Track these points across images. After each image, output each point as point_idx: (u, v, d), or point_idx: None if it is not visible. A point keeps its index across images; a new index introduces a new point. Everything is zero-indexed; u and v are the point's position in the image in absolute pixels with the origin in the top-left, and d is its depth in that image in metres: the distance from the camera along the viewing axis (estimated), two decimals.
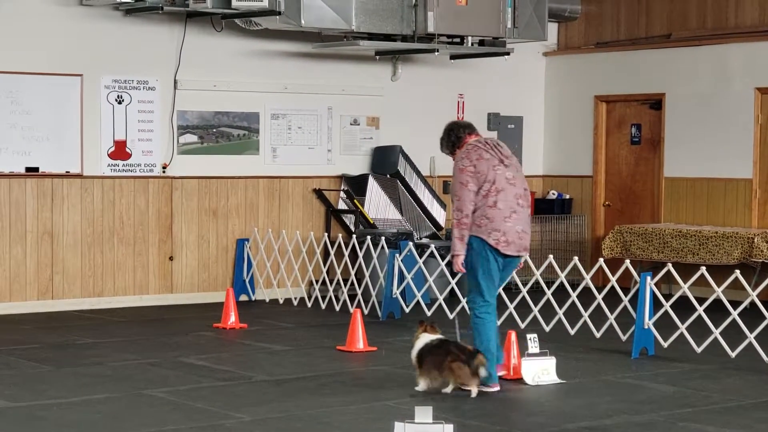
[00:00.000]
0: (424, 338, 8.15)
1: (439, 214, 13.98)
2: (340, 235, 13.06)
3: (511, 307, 10.93)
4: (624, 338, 10.08)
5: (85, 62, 12.24)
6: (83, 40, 12.21)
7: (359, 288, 12.40)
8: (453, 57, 13.84)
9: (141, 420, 7.24)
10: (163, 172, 12.76)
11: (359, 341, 9.90)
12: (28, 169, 12.02)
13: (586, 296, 10.44)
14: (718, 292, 9.62)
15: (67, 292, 12.25)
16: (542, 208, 14.82)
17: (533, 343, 8.57)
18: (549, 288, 10.64)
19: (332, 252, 12.56)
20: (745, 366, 9.27)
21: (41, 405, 7.68)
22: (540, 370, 8.49)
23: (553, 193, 15.04)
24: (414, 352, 8.13)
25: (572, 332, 10.30)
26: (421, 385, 8.07)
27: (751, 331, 9.39)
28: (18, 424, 7.13)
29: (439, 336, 8.21)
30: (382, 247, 12.09)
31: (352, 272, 12.44)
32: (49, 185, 12.14)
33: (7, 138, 11.87)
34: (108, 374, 8.81)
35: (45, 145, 12.08)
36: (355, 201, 13.52)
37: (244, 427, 7.08)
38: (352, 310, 10.32)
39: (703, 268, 9.76)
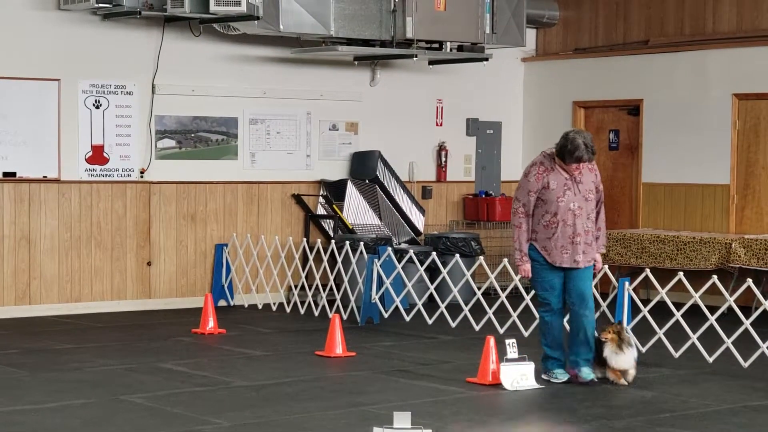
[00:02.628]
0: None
1: (418, 220, 14.00)
2: (319, 240, 13.06)
3: (490, 312, 10.96)
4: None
5: (62, 67, 12.21)
6: (61, 45, 12.18)
7: (338, 293, 12.40)
8: (432, 62, 13.87)
9: (119, 426, 7.22)
10: (141, 177, 12.73)
11: (338, 346, 9.90)
12: (5, 174, 11.98)
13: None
14: (696, 297, 9.66)
15: (45, 298, 12.20)
16: None
17: (512, 349, 8.59)
18: (527, 294, 10.65)
19: (311, 257, 12.56)
20: (723, 371, 9.30)
21: (18, 410, 7.64)
22: (519, 375, 8.50)
23: None
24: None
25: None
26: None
27: (728, 336, 9.43)
28: None
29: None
30: (361, 252, 12.09)
31: (331, 277, 12.43)
32: (26, 190, 12.09)
33: None
34: (86, 380, 8.77)
35: (22, 150, 12.04)
36: (333, 206, 13.53)
37: None
38: (330, 315, 10.32)
39: (681, 274, 9.80)
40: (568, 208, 8.42)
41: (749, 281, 9.62)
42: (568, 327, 8.92)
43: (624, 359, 8.50)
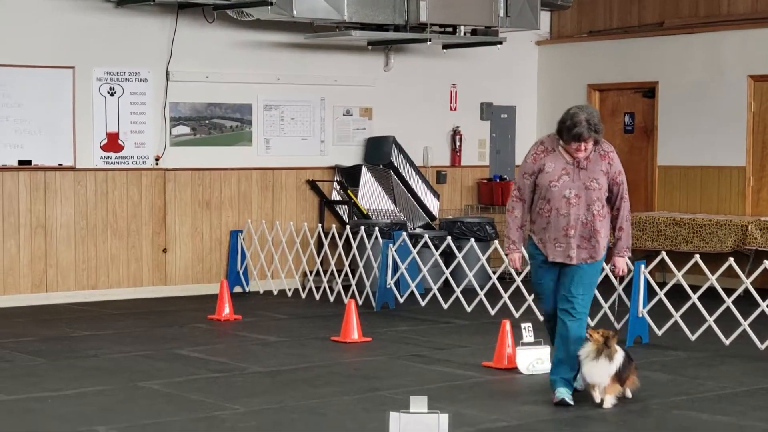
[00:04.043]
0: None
1: (433, 204, 13.99)
2: (334, 226, 13.09)
3: (506, 296, 10.96)
4: (618, 327, 10.09)
5: (76, 54, 12.22)
6: (75, 33, 12.19)
7: (353, 279, 12.42)
8: (445, 47, 13.83)
9: (136, 412, 7.25)
10: (156, 164, 12.75)
11: (353, 332, 9.91)
12: (20, 162, 12.01)
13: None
14: (712, 279, 9.64)
15: (61, 285, 12.25)
16: None
17: (528, 333, 8.59)
18: None
19: (326, 243, 12.57)
20: (740, 353, 9.29)
21: (36, 398, 7.68)
22: (534, 360, 8.50)
23: None
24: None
25: (586, 313, 10.29)
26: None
27: (745, 319, 9.41)
28: (13, 417, 7.14)
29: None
30: (376, 237, 12.10)
31: (346, 263, 12.44)
32: (41, 178, 12.12)
33: (0, 132, 11.86)
34: (102, 367, 8.81)
35: (37, 138, 12.06)
36: (348, 192, 13.53)
37: (239, 419, 7.09)
38: (346, 300, 10.33)
39: (697, 256, 9.78)
40: (562, 195, 7.26)
41: (766, 263, 9.59)
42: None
43: (596, 370, 7.19)
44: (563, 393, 7.35)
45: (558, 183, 7.28)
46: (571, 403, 7.29)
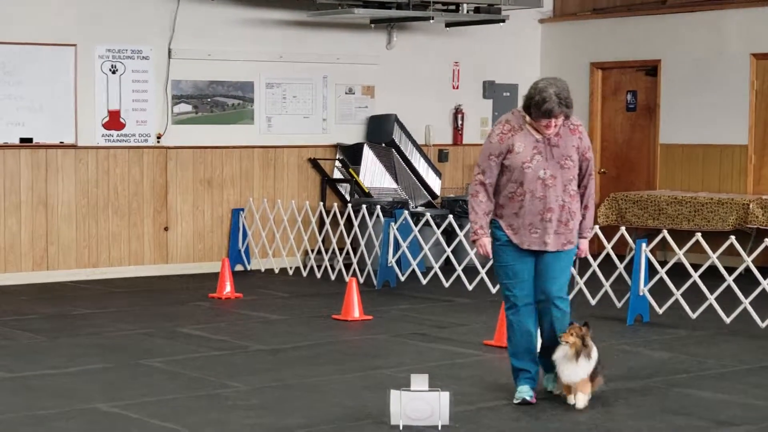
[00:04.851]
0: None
1: (435, 183, 13.98)
2: (336, 204, 13.09)
3: None
4: (619, 305, 10.11)
5: (78, 32, 12.19)
6: (77, 10, 12.15)
7: (355, 257, 12.42)
8: (448, 25, 13.81)
9: (138, 389, 7.26)
10: (158, 142, 12.74)
11: (354, 310, 9.91)
12: (22, 140, 12.00)
13: (582, 264, 10.41)
14: (714, 258, 9.64)
15: (63, 263, 12.25)
16: None
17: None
18: None
19: (327, 221, 12.57)
20: (741, 331, 9.29)
21: (37, 375, 7.69)
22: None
23: None
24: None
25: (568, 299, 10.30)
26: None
27: (746, 297, 9.41)
28: (14, 394, 7.15)
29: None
30: (378, 216, 12.09)
31: (348, 241, 12.44)
32: (43, 156, 12.11)
33: (1, 109, 11.84)
34: (104, 344, 8.82)
35: (39, 116, 12.05)
36: (350, 170, 13.51)
37: (241, 396, 7.10)
38: (347, 279, 10.33)
39: (699, 235, 9.77)
40: (537, 177, 6.64)
41: (767, 241, 9.58)
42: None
43: (574, 372, 6.67)
44: (550, 382, 6.97)
45: (531, 164, 6.65)
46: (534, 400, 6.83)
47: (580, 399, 6.72)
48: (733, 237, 9.73)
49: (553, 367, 6.82)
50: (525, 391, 6.84)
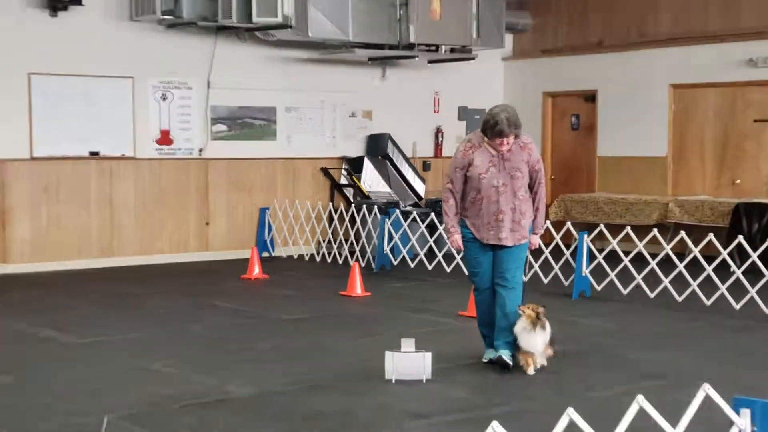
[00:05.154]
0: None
1: (420, 188, 13.93)
2: (342, 204, 13.05)
3: None
4: (566, 284, 10.08)
5: (135, 67, 12.13)
6: (134, 49, 12.10)
7: (357, 246, 12.38)
8: (430, 62, 13.77)
9: (183, 350, 7.21)
10: (200, 154, 12.68)
11: (357, 288, 9.87)
12: (91, 153, 11.94)
13: (536, 252, 10.37)
14: (640, 246, 9.61)
15: (123, 251, 12.20)
16: None
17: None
18: None
19: (335, 218, 12.54)
20: (662, 304, 9.26)
21: (104, 340, 7.65)
22: None
23: None
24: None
25: (526, 279, 10.27)
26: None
27: (666, 277, 9.39)
28: (85, 355, 7.10)
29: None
30: (375, 213, 12.05)
31: (352, 233, 12.40)
32: (108, 166, 12.05)
33: (74, 128, 11.78)
34: (156, 315, 8.77)
35: (104, 134, 11.98)
36: (353, 177, 13.47)
37: (266, 354, 7.06)
38: (351, 263, 10.28)
39: (629, 228, 9.75)
40: (491, 185, 6.58)
41: (682, 233, 9.56)
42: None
43: (532, 340, 6.47)
44: (506, 354, 6.61)
45: (486, 174, 6.58)
46: (511, 363, 6.56)
47: (537, 362, 6.54)
48: (655, 230, 9.70)
49: (497, 346, 6.64)
50: (491, 353, 6.81)
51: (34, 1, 11.47)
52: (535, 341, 6.47)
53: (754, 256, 9.11)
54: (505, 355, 6.58)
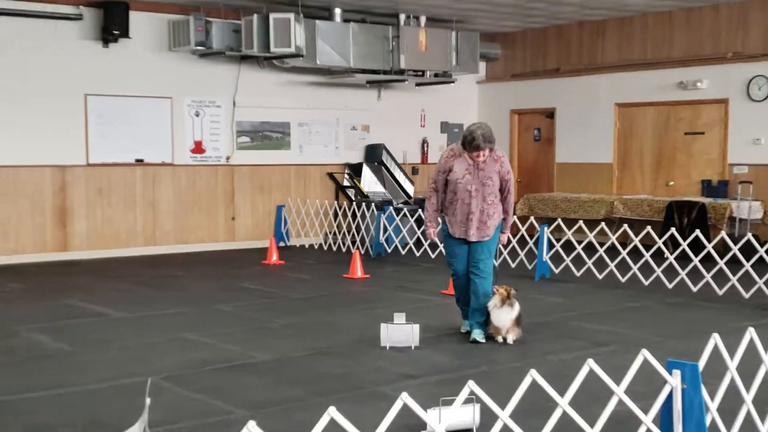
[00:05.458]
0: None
1: (410, 189, 13.91)
2: (345, 202, 13.02)
3: None
4: (530, 267, 10.07)
5: (173, 88, 12.09)
6: (172, 74, 12.06)
7: (358, 237, 12.35)
8: (417, 84, 13.74)
9: (212, 325, 7.19)
10: (227, 162, 12.64)
11: (358, 271, 9.85)
12: (136, 160, 11.90)
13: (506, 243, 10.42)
14: (591, 237, 9.60)
15: (163, 241, 12.16)
16: None
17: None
18: None
19: (340, 213, 12.51)
20: (608, 285, 9.26)
21: (147, 315, 7.62)
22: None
23: None
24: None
25: (497, 264, 10.27)
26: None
27: (611, 261, 9.38)
28: (132, 328, 7.08)
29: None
30: (372, 210, 12.03)
31: (353, 226, 12.38)
32: (150, 171, 12.01)
33: (123, 140, 11.75)
34: (191, 295, 8.74)
35: (147, 144, 11.95)
36: (354, 180, 13.44)
37: (282, 328, 7.04)
38: (353, 251, 10.26)
39: (581, 222, 9.73)
40: (465, 189, 6.51)
41: (625, 226, 9.56)
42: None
43: (502, 316, 6.39)
44: (477, 334, 6.53)
45: (462, 180, 6.52)
46: (483, 341, 6.47)
47: (509, 337, 6.43)
48: (603, 223, 9.71)
49: (471, 325, 6.59)
50: (466, 325, 6.80)
51: (90, 35, 11.43)
52: (504, 317, 6.41)
53: (684, 244, 9.12)
54: (477, 335, 6.52)
